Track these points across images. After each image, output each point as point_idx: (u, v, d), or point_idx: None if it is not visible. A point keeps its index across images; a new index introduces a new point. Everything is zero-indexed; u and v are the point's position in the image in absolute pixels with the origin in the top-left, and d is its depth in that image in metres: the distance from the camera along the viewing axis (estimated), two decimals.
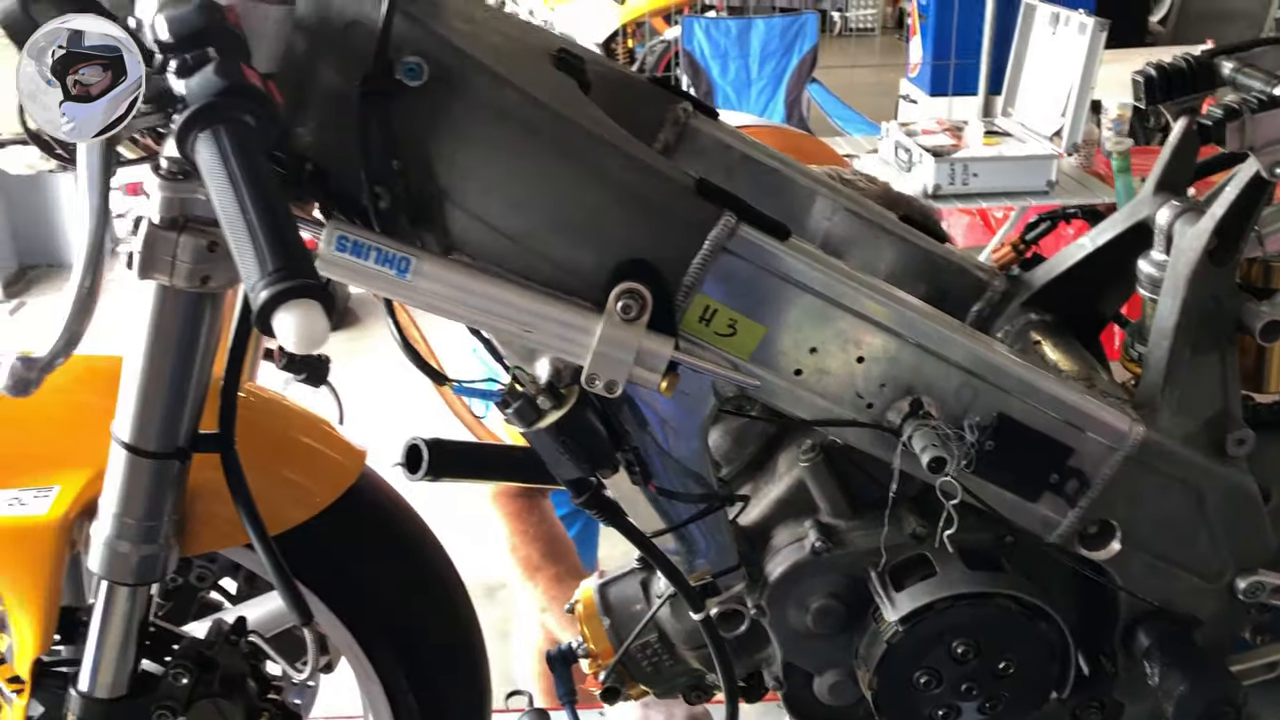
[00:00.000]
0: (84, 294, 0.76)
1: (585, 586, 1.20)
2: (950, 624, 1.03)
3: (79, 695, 1.06)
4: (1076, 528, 1.02)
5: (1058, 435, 0.98)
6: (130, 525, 0.99)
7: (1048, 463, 0.99)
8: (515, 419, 0.91)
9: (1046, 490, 1.00)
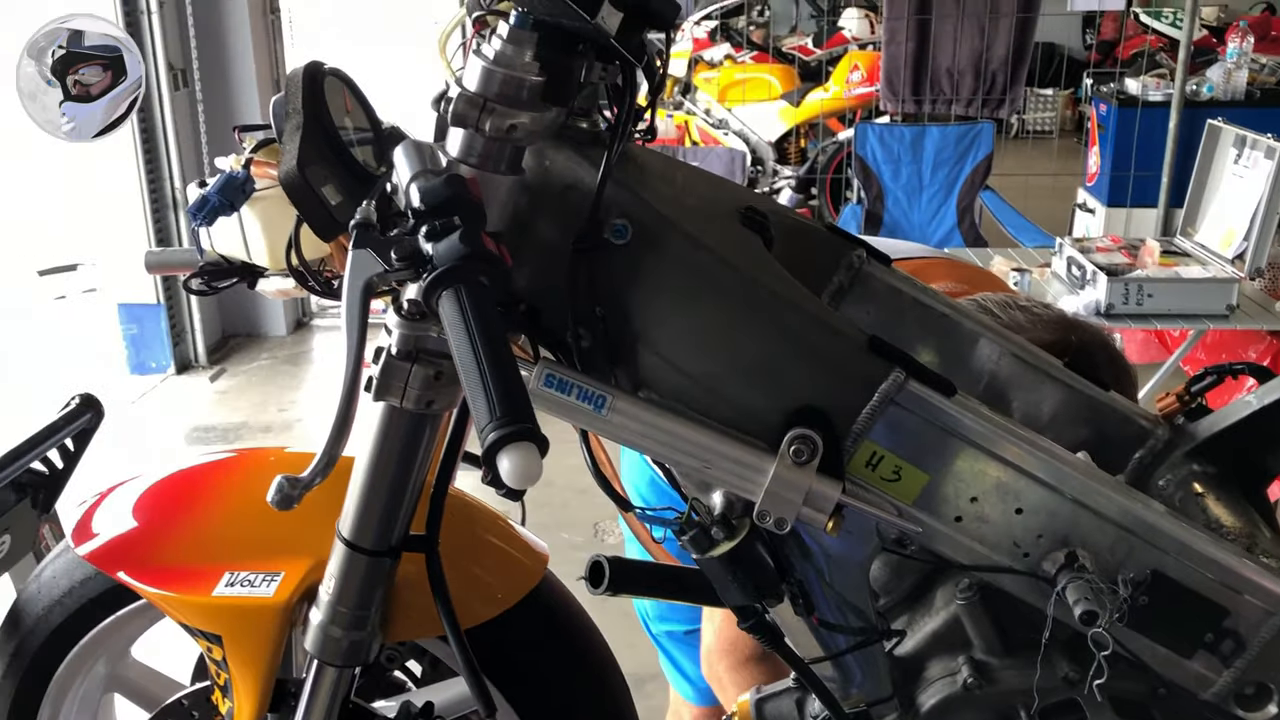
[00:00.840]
0: (341, 421, 0.88)
1: (742, 699, 1.27)
2: None
3: None
4: (1232, 688, 1.03)
5: (1214, 596, 1.01)
6: (343, 613, 1.12)
7: (1203, 621, 1.02)
8: (690, 546, 0.99)
9: (1201, 648, 1.02)
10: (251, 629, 1.15)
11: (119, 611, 1.26)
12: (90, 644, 1.28)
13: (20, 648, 1.29)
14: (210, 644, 1.17)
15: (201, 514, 1.21)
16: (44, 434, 1.38)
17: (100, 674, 1.36)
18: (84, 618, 1.26)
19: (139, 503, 1.26)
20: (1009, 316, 1.33)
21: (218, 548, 1.18)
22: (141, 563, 1.19)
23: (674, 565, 1.12)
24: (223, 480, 1.25)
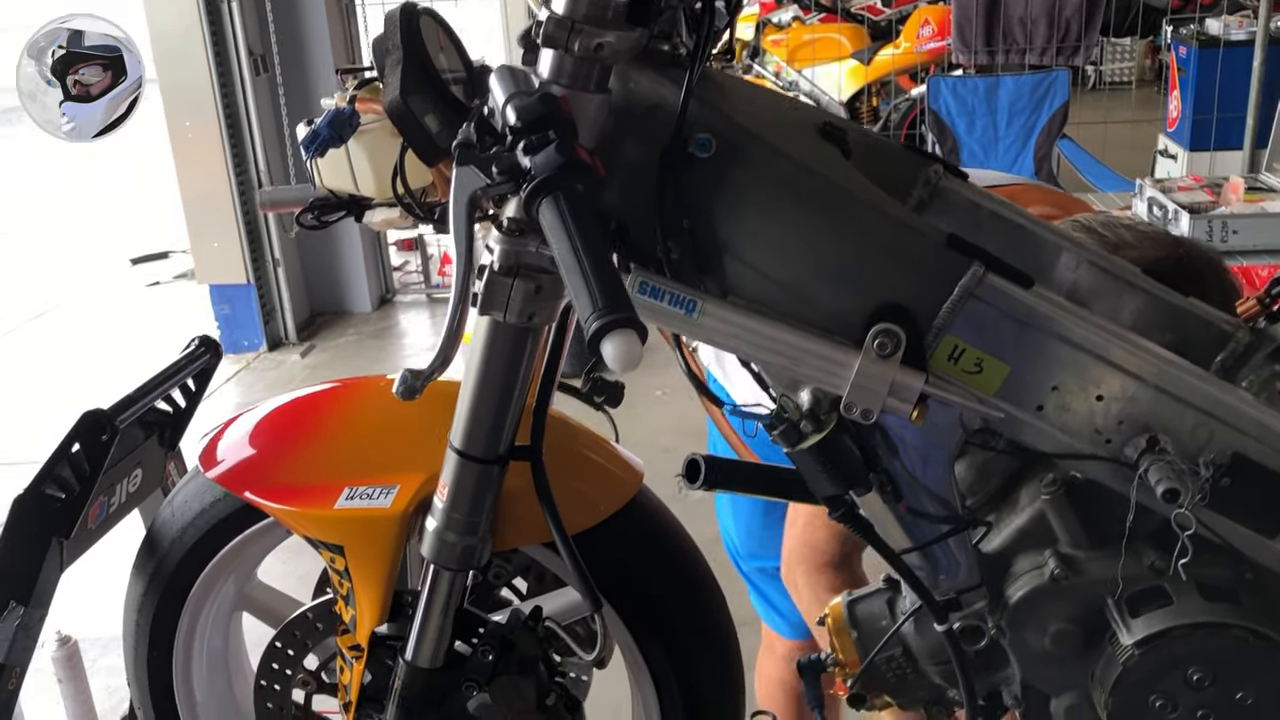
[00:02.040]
0: (454, 324, 0.95)
1: (834, 602, 1.32)
2: (1187, 651, 1.09)
3: (405, 664, 1.28)
4: None
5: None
6: (457, 519, 1.19)
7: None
8: (780, 440, 1.05)
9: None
10: (372, 538, 1.23)
11: (246, 531, 1.35)
12: (221, 563, 1.38)
13: (158, 569, 1.39)
14: (333, 554, 1.25)
15: (319, 435, 1.30)
16: (167, 374, 1.48)
17: (229, 593, 1.46)
18: (215, 537, 1.36)
19: (260, 428, 1.35)
20: (1114, 234, 1.35)
21: (336, 465, 1.27)
22: (266, 482, 1.28)
23: (765, 464, 1.18)
24: (337, 404, 1.34)
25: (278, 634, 1.38)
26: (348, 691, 1.32)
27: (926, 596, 1.10)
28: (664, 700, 1.34)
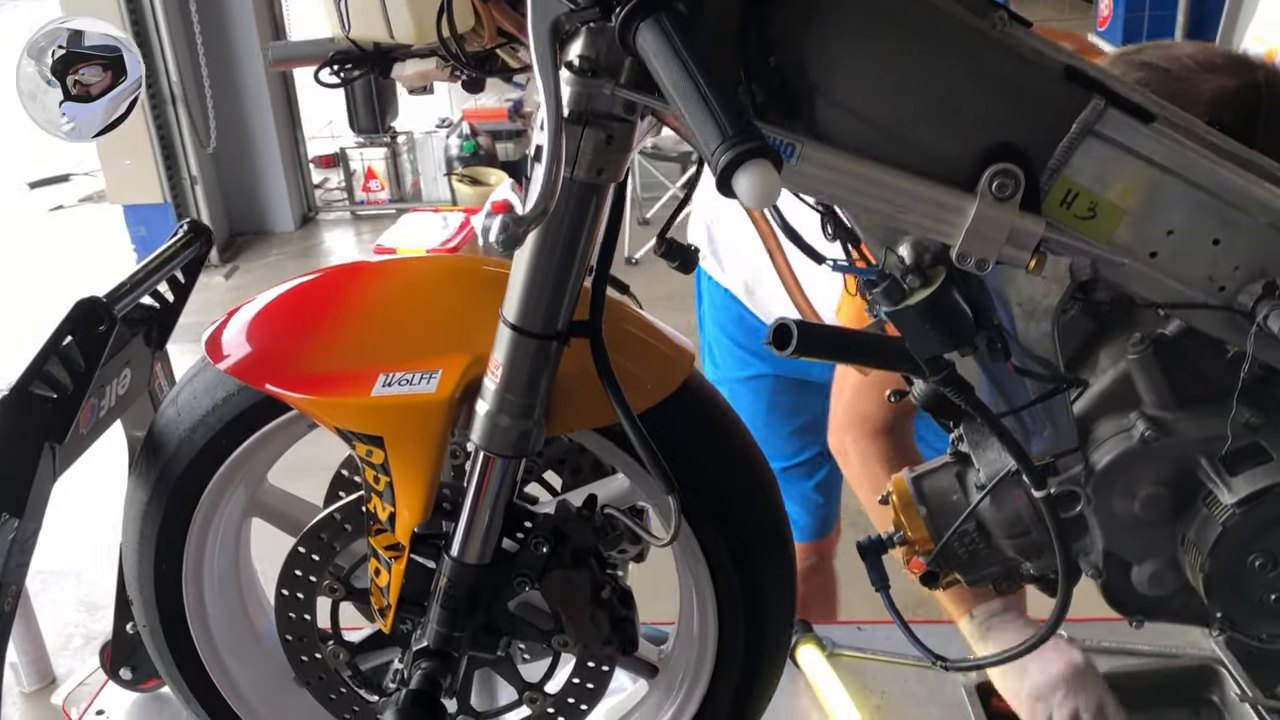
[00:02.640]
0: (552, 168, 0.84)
1: (896, 478, 1.26)
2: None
3: (451, 561, 1.18)
4: None
5: None
6: (511, 401, 1.10)
7: None
8: (883, 299, 0.97)
9: None
10: (414, 427, 1.13)
11: (263, 428, 1.24)
12: (234, 464, 1.26)
13: (164, 474, 1.27)
14: (370, 447, 1.14)
15: (345, 320, 1.18)
16: (155, 264, 1.33)
17: (240, 500, 1.35)
18: (228, 436, 1.24)
19: (276, 314, 1.22)
20: (1178, 65, 1.27)
21: (367, 351, 1.15)
22: (288, 372, 1.16)
23: (858, 331, 1.10)
24: (360, 286, 1.22)
25: (301, 539, 1.27)
26: (385, 594, 1.23)
27: (1026, 462, 1.04)
28: (720, 591, 1.28)
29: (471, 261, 1.22)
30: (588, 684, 1.32)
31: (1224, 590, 1.09)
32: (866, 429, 1.60)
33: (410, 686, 1.20)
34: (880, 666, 1.79)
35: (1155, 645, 1.75)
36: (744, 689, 1.34)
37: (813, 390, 1.98)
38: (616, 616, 1.25)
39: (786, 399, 2.04)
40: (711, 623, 1.30)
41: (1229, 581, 1.09)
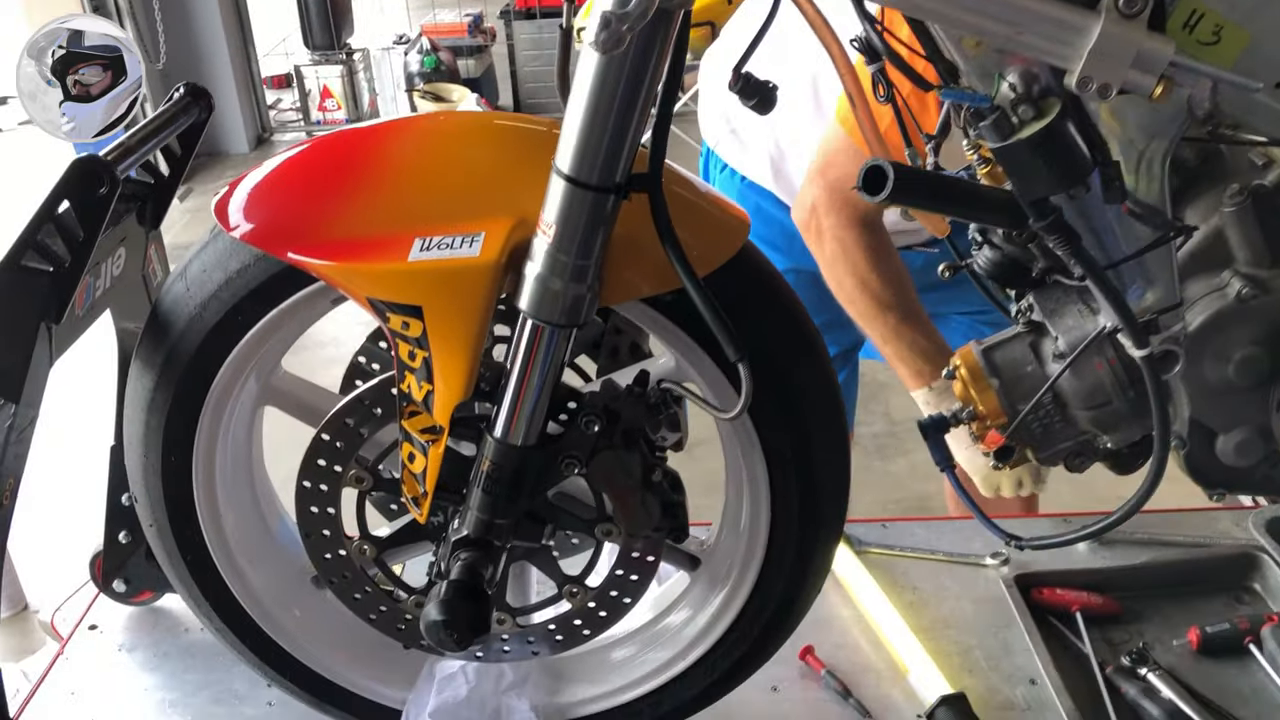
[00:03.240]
0: None
1: (964, 351, 1.18)
2: None
3: (494, 442, 1.09)
4: None
5: None
6: (564, 262, 1.00)
7: None
8: (990, 133, 0.88)
9: None
10: (457, 293, 1.03)
11: (283, 302, 1.13)
12: (250, 344, 1.15)
13: (172, 356, 1.16)
14: (406, 319, 1.04)
15: (375, 180, 1.07)
16: (154, 126, 1.20)
17: (253, 386, 1.24)
18: (244, 312, 1.13)
19: (292, 177, 1.11)
20: None
21: (401, 214, 1.05)
22: (313, 238, 1.06)
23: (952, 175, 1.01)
24: (390, 144, 1.11)
25: (325, 425, 1.17)
26: (421, 481, 1.13)
27: (1130, 318, 0.97)
28: (776, 477, 1.20)
29: (512, 118, 1.11)
30: (632, 576, 1.24)
31: None
32: (849, 215, 1.58)
33: (451, 577, 1.12)
34: (909, 563, 1.74)
35: (1190, 535, 1.71)
36: (795, 579, 1.27)
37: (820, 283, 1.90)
38: (667, 501, 1.17)
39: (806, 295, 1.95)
40: (764, 509, 1.23)
41: None
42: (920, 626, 1.59)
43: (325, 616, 1.36)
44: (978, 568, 1.71)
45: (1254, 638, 1.49)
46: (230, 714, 1.52)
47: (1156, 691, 1.42)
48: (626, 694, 1.35)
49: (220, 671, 1.59)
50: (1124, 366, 1.10)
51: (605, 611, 1.27)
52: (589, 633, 1.28)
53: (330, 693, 1.37)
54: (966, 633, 1.59)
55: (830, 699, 1.50)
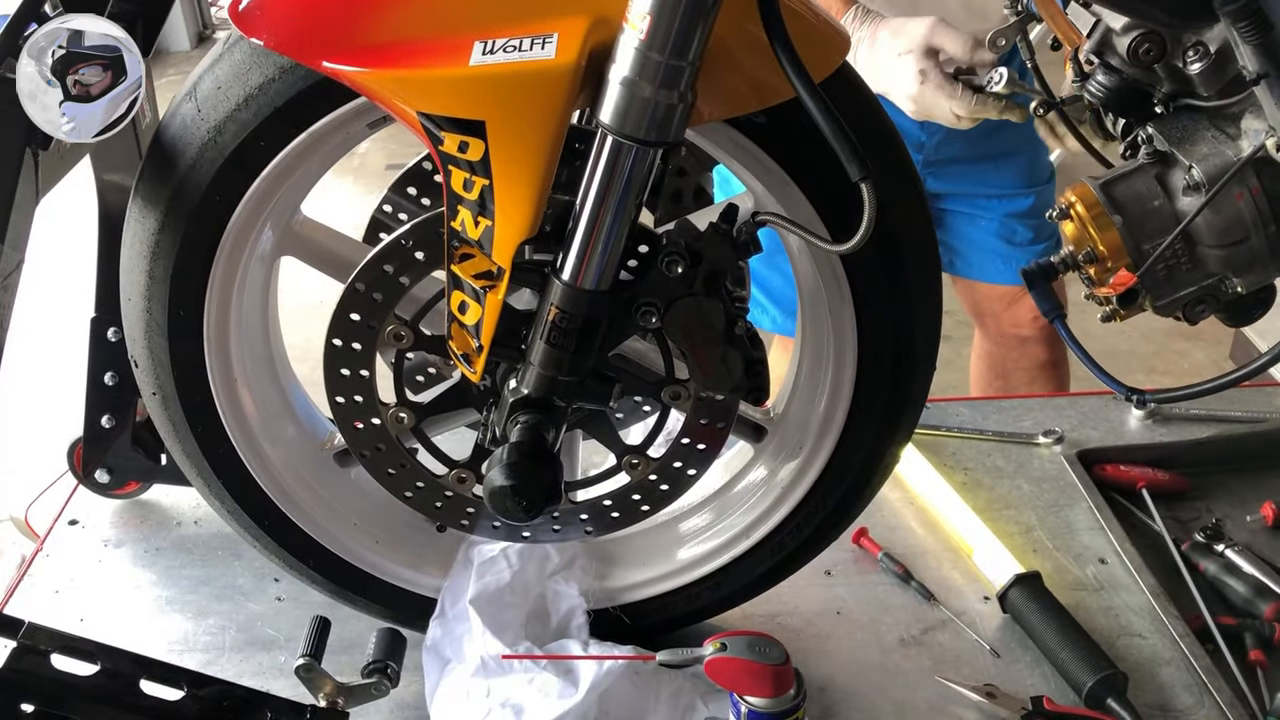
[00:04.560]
0: None
1: (1080, 186, 1.06)
2: None
3: (562, 285, 0.95)
4: None
5: None
6: (657, 62, 0.85)
7: None
8: None
9: None
10: (528, 104, 0.87)
11: (313, 125, 0.97)
12: (273, 178, 0.99)
13: (181, 192, 1.00)
14: (465, 139, 0.89)
15: None
16: None
17: (269, 234, 1.09)
18: (266, 137, 0.97)
19: None
20: None
21: (456, 12, 0.89)
22: (353, 43, 0.89)
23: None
24: None
25: (360, 273, 1.02)
26: (475, 334, 0.99)
27: None
28: (867, 333, 1.08)
29: None
30: (699, 445, 1.11)
31: None
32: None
33: (515, 440, 0.98)
34: (958, 443, 1.64)
35: (1249, 411, 1.63)
36: (877, 447, 1.16)
37: None
38: (749, 358, 1.04)
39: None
40: (850, 369, 1.10)
41: None
42: (976, 507, 1.49)
43: (349, 496, 1.22)
44: (1030, 446, 1.61)
45: None
46: (235, 610, 1.39)
47: (1237, 567, 1.34)
48: (684, 576, 1.24)
49: (221, 566, 1.46)
50: (1267, 197, 0.98)
51: (667, 485, 1.14)
52: (648, 509, 1.16)
53: (355, 580, 1.24)
54: (1026, 512, 1.50)
55: (891, 582, 1.40)
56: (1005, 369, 2.07)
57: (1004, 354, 2.06)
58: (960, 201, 1.91)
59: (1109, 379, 1.05)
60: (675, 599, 1.25)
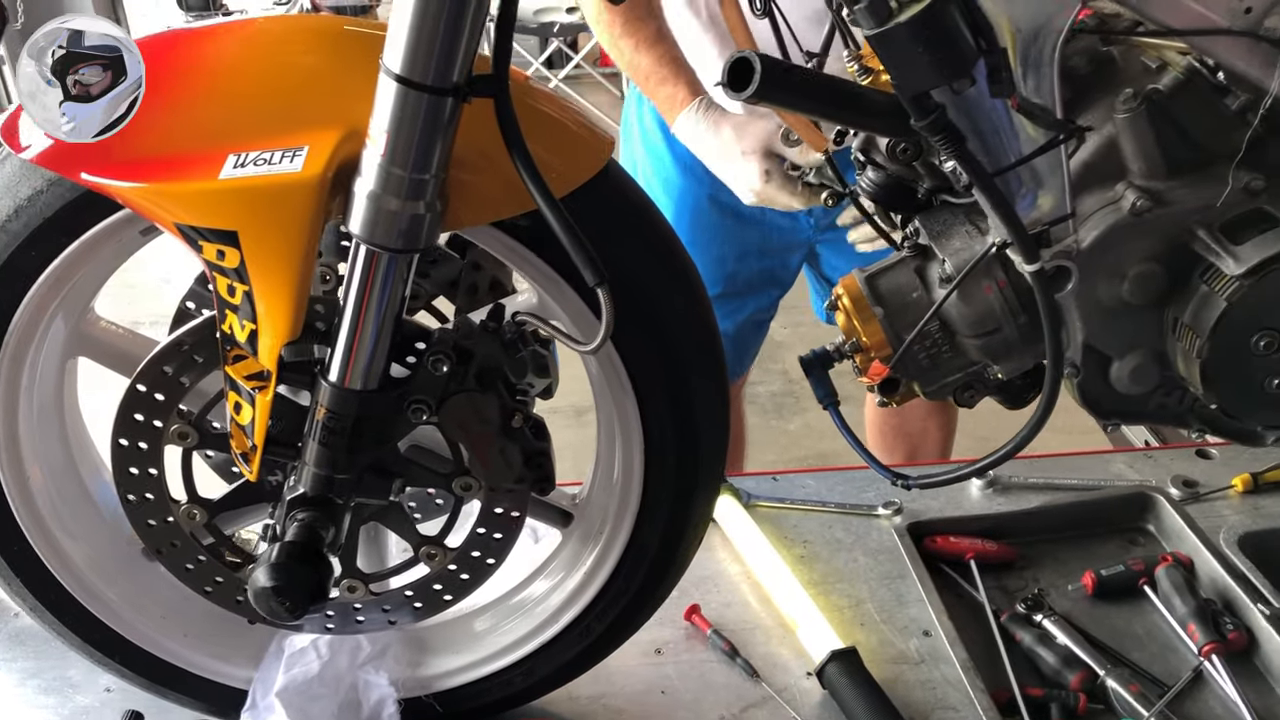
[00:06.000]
0: None
1: (846, 280, 1.10)
2: None
3: (329, 387, 0.98)
4: None
5: None
6: (399, 177, 0.89)
7: None
8: (867, 15, 0.79)
9: None
10: (278, 215, 0.90)
11: (85, 234, 0.99)
12: (50, 284, 1.01)
13: None
14: (222, 247, 0.92)
15: (181, 90, 0.94)
16: None
17: (60, 334, 1.10)
18: (38, 246, 0.99)
19: None
20: None
21: (211, 127, 0.92)
22: (111, 156, 0.92)
23: (833, 75, 0.92)
24: (196, 50, 0.97)
25: (140, 374, 1.04)
26: (249, 434, 1.01)
27: (1019, 229, 0.89)
28: (649, 418, 1.10)
29: (333, 20, 0.99)
30: (495, 534, 1.13)
31: (1223, 376, 0.97)
32: (637, 13, 1.61)
33: (285, 539, 1.00)
34: (800, 516, 1.67)
35: (1083, 479, 1.67)
36: (673, 533, 1.18)
37: (742, 220, 1.82)
38: (530, 449, 1.06)
39: (712, 222, 1.87)
40: (638, 455, 1.13)
41: (1229, 366, 0.97)
42: (811, 580, 1.52)
43: (157, 589, 1.22)
44: (870, 518, 1.64)
45: (1148, 579, 1.46)
46: (62, 704, 1.37)
47: (1052, 638, 1.37)
48: (496, 662, 1.25)
49: (54, 658, 1.44)
50: (1014, 289, 1.03)
51: (467, 574, 1.16)
52: (451, 598, 1.18)
53: (168, 675, 1.24)
54: (859, 585, 1.53)
55: (717, 659, 1.41)
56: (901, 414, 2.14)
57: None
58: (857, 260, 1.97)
59: (876, 464, 1.09)
60: (488, 685, 1.26)
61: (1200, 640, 1.34)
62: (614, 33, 1.65)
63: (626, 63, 1.67)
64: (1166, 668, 1.36)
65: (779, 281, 1.97)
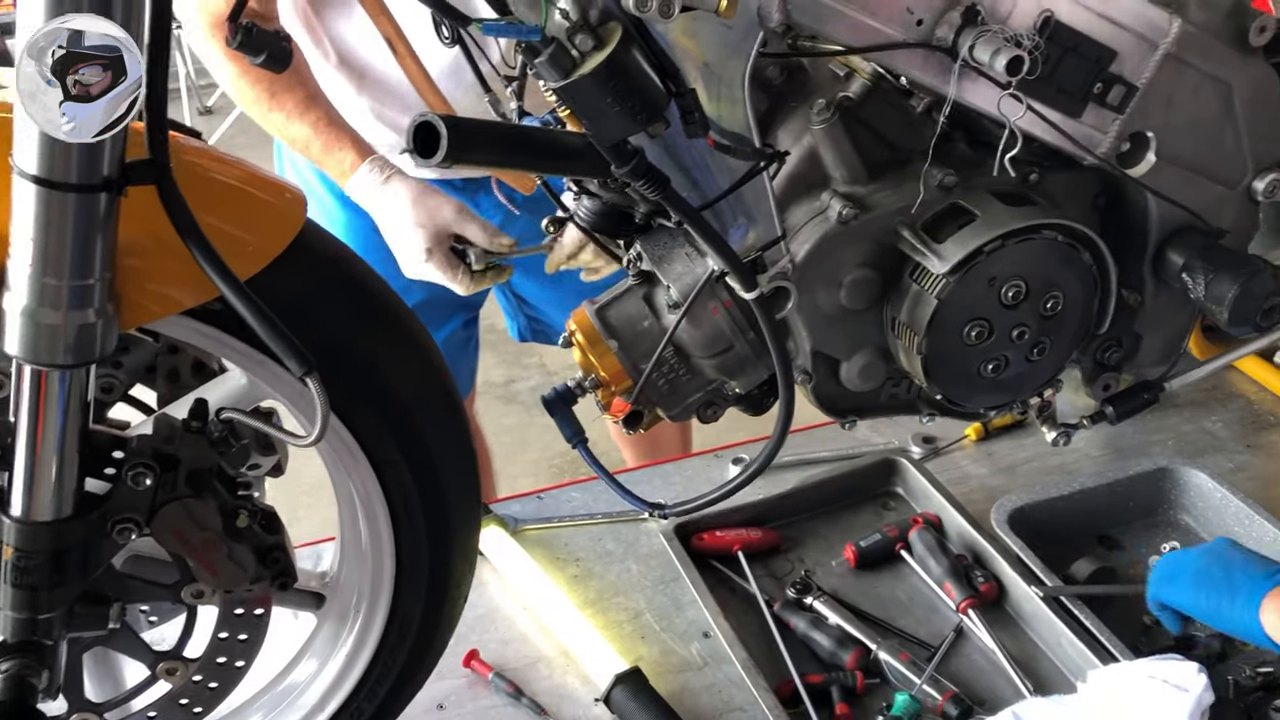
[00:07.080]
0: None
1: (577, 314, 1.07)
2: (1000, 266, 0.97)
3: (13, 523, 0.86)
4: (1116, 143, 0.97)
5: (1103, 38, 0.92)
6: (54, 287, 0.78)
7: (1093, 70, 0.92)
8: (549, 68, 0.75)
9: (1091, 103, 0.94)
10: None
11: None
12: None
13: None
14: None
15: None
16: None
17: None
18: None
19: None
20: None
21: None
22: None
23: (524, 125, 0.87)
24: None
25: None
26: None
27: (733, 259, 0.88)
28: (388, 485, 1.04)
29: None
30: (240, 636, 1.04)
31: (942, 368, 1.01)
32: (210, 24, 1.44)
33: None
34: (570, 533, 1.64)
35: (834, 450, 1.72)
36: (435, 595, 1.13)
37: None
38: (262, 546, 0.98)
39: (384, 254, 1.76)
40: (384, 526, 1.06)
41: (947, 359, 1.00)
42: (588, 600, 1.50)
43: None
44: (638, 524, 1.63)
45: (904, 543, 1.51)
46: None
47: (824, 620, 1.40)
48: None
49: None
50: (739, 308, 1.02)
51: (216, 682, 1.06)
52: (201, 710, 1.08)
53: None
54: (635, 596, 1.51)
55: (503, 703, 1.37)
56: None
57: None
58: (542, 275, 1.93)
59: (632, 498, 1.07)
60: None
61: (957, 597, 1.40)
62: (262, 108, 1.48)
63: (285, 137, 1.51)
64: (931, 629, 1.41)
65: (465, 304, 1.87)
